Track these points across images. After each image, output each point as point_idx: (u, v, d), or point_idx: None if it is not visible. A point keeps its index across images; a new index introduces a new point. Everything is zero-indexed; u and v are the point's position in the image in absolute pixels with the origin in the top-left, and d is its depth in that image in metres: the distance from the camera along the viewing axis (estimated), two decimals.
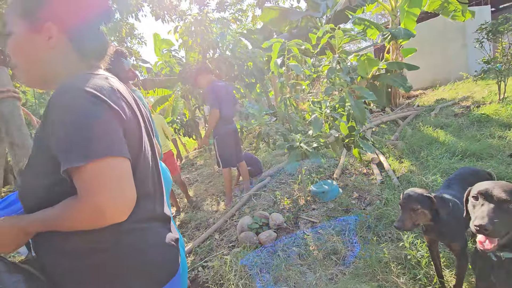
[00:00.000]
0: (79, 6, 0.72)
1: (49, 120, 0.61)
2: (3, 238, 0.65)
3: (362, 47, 14.09)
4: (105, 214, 0.58)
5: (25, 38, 0.70)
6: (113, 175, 0.59)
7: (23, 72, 0.73)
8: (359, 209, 2.65)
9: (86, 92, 0.61)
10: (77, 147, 0.57)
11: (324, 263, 2.01)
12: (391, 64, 5.52)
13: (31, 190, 0.69)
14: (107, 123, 0.61)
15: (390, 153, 3.72)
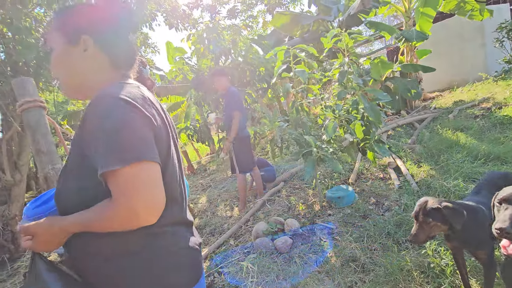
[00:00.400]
0: (110, 18, 0.77)
1: (86, 126, 0.65)
2: (46, 238, 0.69)
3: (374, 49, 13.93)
4: (138, 216, 0.61)
5: (64, 51, 0.76)
6: (146, 179, 0.62)
7: (64, 84, 0.79)
8: (377, 215, 2.58)
9: (121, 100, 0.64)
10: (113, 151, 0.60)
11: (343, 271, 1.97)
12: (405, 66, 5.42)
13: (67, 192, 0.72)
14: (140, 129, 0.64)
15: (408, 157, 3.63)
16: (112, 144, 0.60)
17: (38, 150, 1.40)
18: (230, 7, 11.30)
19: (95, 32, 0.76)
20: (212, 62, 6.29)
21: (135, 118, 0.64)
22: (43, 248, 0.70)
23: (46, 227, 0.69)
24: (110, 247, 0.69)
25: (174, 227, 0.76)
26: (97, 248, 0.70)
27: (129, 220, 0.62)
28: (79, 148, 0.68)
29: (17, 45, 3.10)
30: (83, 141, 0.66)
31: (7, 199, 3.81)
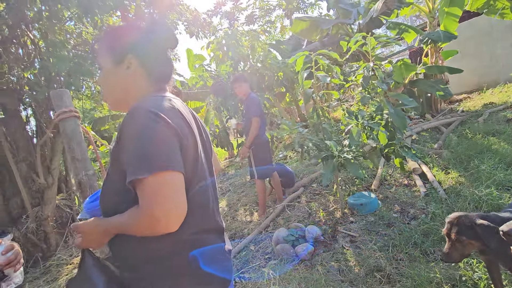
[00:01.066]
0: (150, 37, 0.83)
1: (121, 136, 0.70)
2: (93, 236, 0.76)
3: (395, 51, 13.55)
4: (159, 223, 0.64)
5: (110, 69, 0.84)
6: (169, 188, 0.65)
7: (110, 98, 0.87)
8: (402, 224, 2.50)
9: (150, 112, 0.69)
10: (140, 161, 0.65)
11: (367, 280, 1.91)
12: (430, 68, 5.22)
13: (109, 196, 0.79)
14: (166, 140, 0.68)
15: (434, 163, 3.48)
16: (139, 154, 0.65)
17: (73, 157, 1.49)
18: (248, 13, 11.46)
19: (137, 51, 0.82)
20: (231, 68, 6.39)
21: (161, 129, 0.68)
22: (91, 245, 0.78)
23: (93, 227, 0.76)
24: (142, 251, 0.73)
25: (203, 234, 0.78)
26: (131, 251, 0.75)
27: (151, 226, 0.65)
28: (116, 156, 0.73)
29: (51, 57, 3.31)
30: (118, 149, 0.72)
31: (40, 201, 4.05)
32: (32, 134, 4.30)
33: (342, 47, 3.30)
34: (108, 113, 8.13)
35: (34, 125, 4.38)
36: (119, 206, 0.73)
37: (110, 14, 4.71)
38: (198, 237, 0.77)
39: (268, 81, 6.52)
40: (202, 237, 0.78)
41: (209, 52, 6.76)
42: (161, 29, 0.86)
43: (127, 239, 0.72)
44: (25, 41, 3.89)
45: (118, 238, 0.75)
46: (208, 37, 6.35)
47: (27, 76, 3.83)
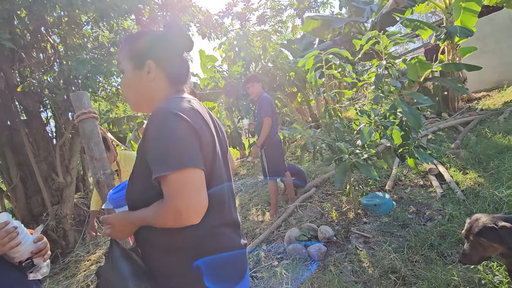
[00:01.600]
0: (168, 41, 0.88)
1: (146, 135, 0.75)
2: (120, 228, 0.82)
3: (410, 48, 13.22)
4: (182, 216, 0.69)
5: (132, 75, 0.88)
6: (190, 184, 0.70)
7: (132, 102, 0.92)
8: (417, 225, 2.44)
9: (172, 113, 0.74)
10: (164, 159, 0.70)
11: (381, 282, 1.89)
12: (447, 65, 5.07)
13: (134, 191, 0.84)
14: (187, 139, 0.73)
15: (451, 163, 3.38)
16: (163, 153, 0.70)
17: (92, 157, 1.54)
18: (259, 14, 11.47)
19: (156, 56, 0.87)
20: (242, 69, 6.42)
21: (182, 129, 0.73)
22: (118, 236, 0.84)
23: (120, 220, 0.83)
24: (165, 242, 0.78)
25: (221, 228, 0.83)
26: (155, 242, 0.80)
27: (174, 219, 0.70)
28: (142, 154, 0.78)
29: (70, 61, 3.43)
30: (144, 148, 0.77)
31: (59, 199, 4.21)
32: (51, 135, 4.47)
33: (355, 45, 3.25)
34: (123, 114, 8.33)
35: (53, 126, 4.54)
36: (144, 200, 0.78)
37: (125, 18, 4.84)
38: (217, 231, 0.81)
39: (280, 81, 6.50)
40: (220, 231, 0.82)
41: (221, 53, 6.81)
42: (176, 33, 0.90)
43: (152, 231, 0.77)
44: (45, 46, 4.05)
45: (144, 230, 0.81)
46: (220, 38, 6.41)
47: (47, 79, 3.98)
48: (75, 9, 3.46)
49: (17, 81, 3.89)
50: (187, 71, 0.94)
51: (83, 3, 3.30)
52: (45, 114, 4.49)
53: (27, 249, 1.01)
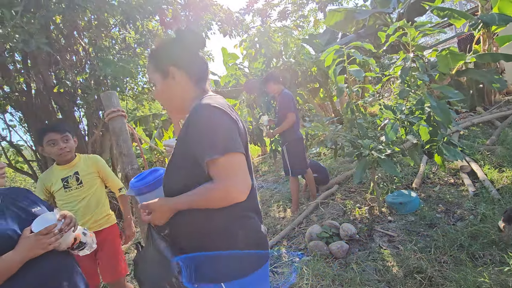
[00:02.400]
0: (183, 45, 0.96)
1: (192, 129, 0.84)
2: (159, 214, 0.89)
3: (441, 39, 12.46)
4: (231, 194, 0.80)
5: (161, 83, 0.98)
6: (237, 165, 0.81)
7: (168, 108, 1.04)
8: (446, 225, 2.33)
9: (214, 107, 0.84)
10: (213, 145, 0.79)
11: (406, 282, 1.83)
12: (482, 56, 4.73)
13: (174, 180, 0.92)
14: (230, 129, 0.84)
15: (486, 160, 3.18)
16: (212, 140, 0.80)
17: (121, 153, 1.63)
18: (280, 9, 11.36)
19: (176, 61, 0.95)
20: (263, 65, 6.41)
21: (226, 121, 0.84)
22: (157, 222, 0.90)
23: (160, 206, 0.89)
24: (202, 225, 0.87)
25: (251, 213, 0.93)
26: (193, 225, 0.88)
27: (225, 197, 0.80)
28: (185, 146, 0.86)
29: (99, 62, 3.63)
30: (189, 140, 0.85)
31: None
32: (84, 133, 4.75)
33: (380, 38, 3.13)
34: (149, 112, 8.65)
35: (85, 124, 4.83)
36: (185, 187, 0.86)
37: (150, 19, 5.01)
38: (247, 214, 0.91)
39: (301, 77, 6.43)
40: (249, 215, 0.92)
41: (242, 51, 6.85)
42: (188, 34, 0.97)
43: (187, 216, 0.86)
44: (77, 49, 4.30)
45: (178, 215, 0.88)
46: (241, 35, 6.44)
47: (79, 80, 4.23)
48: (103, 13, 3.64)
49: (53, 83, 4.17)
50: (206, 68, 1.02)
51: (110, 6, 3.46)
52: (78, 113, 4.79)
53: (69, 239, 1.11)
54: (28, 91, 4.02)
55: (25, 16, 2.80)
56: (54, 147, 1.77)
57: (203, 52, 7.95)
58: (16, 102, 4.05)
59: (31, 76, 3.84)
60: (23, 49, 2.69)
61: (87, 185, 1.88)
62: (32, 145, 4.37)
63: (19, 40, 2.69)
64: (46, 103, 4.11)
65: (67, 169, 1.87)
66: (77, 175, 1.87)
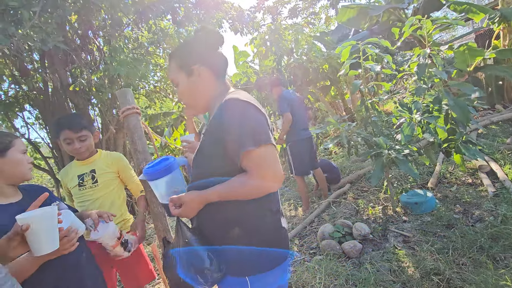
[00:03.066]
0: (204, 42, 0.98)
1: (223, 121, 0.85)
2: (191, 206, 0.89)
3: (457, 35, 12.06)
4: (268, 183, 0.83)
5: (187, 83, 0.99)
6: (270, 156, 0.84)
7: (193, 107, 1.03)
8: (465, 226, 2.26)
9: (245, 102, 0.86)
10: (248, 137, 0.82)
11: (423, 283, 1.78)
12: (502, 52, 4.56)
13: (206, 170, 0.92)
14: (261, 122, 0.87)
15: (506, 159, 3.06)
16: (246, 133, 0.82)
17: (135, 149, 1.65)
18: (291, 6, 11.26)
19: (199, 58, 0.97)
20: (274, 63, 6.38)
21: (256, 114, 0.86)
22: (187, 215, 0.91)
23: (192, 199, 0.89)
24: (229, 217, 0.89)
25: (275, 208, 0.95)
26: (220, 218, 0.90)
27: (260, 188, 0.84)
28: (216, 140, 0.87)
29: (113, 61, 3.69)
30: (219, 131, 0.86)
31: None
32: (98, 130, 4.85)
33: (394, 34, 3.06)
34: (159, 110, 8.75)
35: (99, 122, 4.93)
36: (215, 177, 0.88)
37: (162, 18, 5.06)
38: (274, 207, 0.94)
39: (312, 75, 6.36)
40: (275, 209, 0.94)
41: (253, 48, 6.82)
42: (207, 32, 0.99)
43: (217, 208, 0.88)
44: (92, 48, 4.39)
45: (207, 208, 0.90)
46: (251, 33, 6.42)
47: (94, 78, 4.32)
48: (117, 12, 3.69)
49: (69, 81, 4.27)
50: (226, 63, 1.04)
51: (124, 5, 3.51)
52: (93, 111, 4.89)
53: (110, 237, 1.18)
54: (45, 90, 4.13)
55: (42, 16, 2.87)
56: (70, 146, 1.66)
57: None
58: (34, 101, 4.17)
59: (48, 75, 3.94)
60: (40, 48, 2.75)
61: (102, 185, 1.72)
62: (49, 142, 4.50)
63: (37, 40, 2.76)
64: (62, 101, 4.21)
65: (85, 166, 1.74)
66: (93, 173, 1.73)
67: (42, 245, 0.89)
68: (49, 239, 0.91)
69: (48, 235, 0.90)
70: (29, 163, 1.20)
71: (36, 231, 0.87)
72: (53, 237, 0.92)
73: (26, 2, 2.65)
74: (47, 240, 0.90)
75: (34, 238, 0.87)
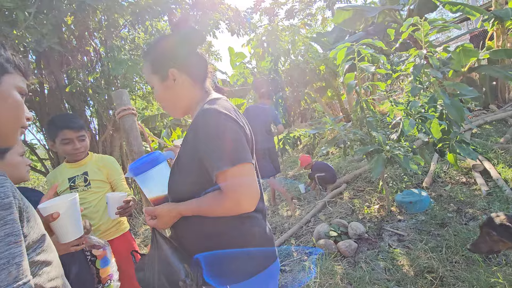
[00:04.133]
0: (181, 43, 0.91)
1: (199, 135, 0.80)
2: (166, 219, 0.88)
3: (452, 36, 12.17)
4: (241, 205, 0.78)
5: (161, 86, 0.93)
6: (247, 177, 0.78)
7: (171, 110, 0.98)
8: (458, 224, 2.29)
9: (220, 113, 0.80)
10: (224, 155, 0.76)
11: (417, 281, 1.80)
12: (496, 52, 4.61)
13: (179, 184, 0.89)
14: (239, 137, 0.80)
15: (499, 159, 3.10)
16: (221, 151, 0.77)
17: (131, 150, 1.65)
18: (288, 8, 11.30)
19: (175, 62, 0.90)
20: (271, 64, 6.41)
21: (233, 128, 0.80)
22: (162, 226, 0.89)
23: (167, 211, 0.87)
24: (207, 228, 0.85)
25: (255, 213, 0.89)
26: (198, 228, 0.87)
27: (233, 209, 0.78)
28: (192, 152, 0.83)
29: (110, 62, 3.69)
30: (196, 147, 0.81)
31: None
32: (94, 132, 4.84)
33: (389, 35, 3.09)
34: (157, 111, 8.74)
35: (96, 123, 4.91)
36: (193, 192, 0.85)
37: (159, 19, 5.07)
38: (252, 215, 0.88)
39: (309, 75, 6.39)
40: (255, 215, 0.89)
41: (250, 50, 6.85)
42: (184, 32, 0.91)
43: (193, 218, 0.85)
44: (88, 49, 4.38)
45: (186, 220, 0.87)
46: (248, 34, 6.44)
47: (90, 80, 4.31)
48: (113, 13, 3.69)
49: (65, 83, 4.26)
50: (207, 66, 0.97)
51: (120, 7, 3.51)
52: (89, 113, 4.88)
53: None
54: (41, 91, 4.12)
55: (37, 17, 2.86)
56: (68, 145, 1.61)
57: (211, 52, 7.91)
58: (30, 102, 4.15)
59: (44, 76, 3.93)
60: (36, 49, 2.75)
61: (95, 187, 1.68)
62: (45, 144, 4.48)
63: (32, 41, 2.76)
64: (58, 103, 4.20)
65: (76, 168, 1.69)
66: (85, 175, 1.68)
67: (68, 231, 0.93)
68: (75, 226, 0.95)
69: (74, 222, 0.94)
70: (27, 165, 1.21)
71: (63, 218, 0.90)
72: (78, 224, 0.96)
73: (21, 3, 2.65)
74: (73, 227, 0.94)
75: (61, 224, 0.91)
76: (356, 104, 3.04)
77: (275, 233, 3.20)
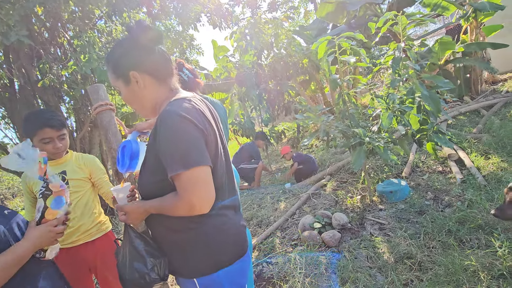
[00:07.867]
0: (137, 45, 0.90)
1: (158, 136, 0.82)
2: (135, 215, 0.92)
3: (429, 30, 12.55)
4: (195, 207, 0.80)
5: (126, 90, 0.94)
6: (201, 180, 0.80)
7: (141, 112, 0.99)
8: (435, 211, 2.39)
9: (179, 115, 0.80)
10: (178, 159, 0.78)
11: (397, 267, 1.88)
12: (469, 45, 4.80)
13: (146, 183, 0.93)
14: (196, 140, 0.81)
15: (473, 148, 3.25)
16: (176, 153, 0.79)
17: (110, 147, 1.59)
18: (270, 0, 11.20)
19: (135, 64, 0.90)
20: (254, 57, 6.36)
21: (191, 131, 0.80)
22: (133, 222, 0.94)
23: (135, 208, 0.92)
24: (174, 223, 0.89)
25: (223, 210, 0.92)
26: (167, 223, 0.90)
27: (188, 210, 0.81)
28: (155, 151, 0.85)
29: (82, 57, 3.52)
30: (156, 146, 0.84)
31: None
32: (71, 129, 4.64)
33: (370, 29, 3.14)
34: None
35: (73, 120, 4.71)
36: (156, 190, 0.88)
37: (137, 11, 4.88)
38: (219, 212, 0.90)
39: (292, 69, 6.40)
40: (222, 212, 0.91)
41: (232, 43, 6.75)
42: (141, 29, 0.88)
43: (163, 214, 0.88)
44: (61, 42, 4.17)
45: (156, 216, 0.91)
46: (231, 27, 6.35)
47: (65, 74, 4.11)
48: (87, 5, 3.52)
49: (37, 77, 4.04)
50: (170, 63, 0.96)
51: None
52: (65, 109, 4.66)
53: None
54: (11, 87, 3.89)
55: (3, 8, 2.68)
56: (49, 145, 1.53)
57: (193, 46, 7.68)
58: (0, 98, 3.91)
59: (13, 71, 3.70)
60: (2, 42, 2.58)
61: (73, 187, 1.62)
62: (18, 142, 4.25)
63: None
64: (30, 98, 3.98)
65: (54, 167, 1.60)
66: (64, 174, 1.61)
67: None
68: None
69: None
70: None
71: None
72: None
73: None
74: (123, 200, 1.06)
75: None
76: (338, 97, 3.08)
77: (261, 226, 3.22)
